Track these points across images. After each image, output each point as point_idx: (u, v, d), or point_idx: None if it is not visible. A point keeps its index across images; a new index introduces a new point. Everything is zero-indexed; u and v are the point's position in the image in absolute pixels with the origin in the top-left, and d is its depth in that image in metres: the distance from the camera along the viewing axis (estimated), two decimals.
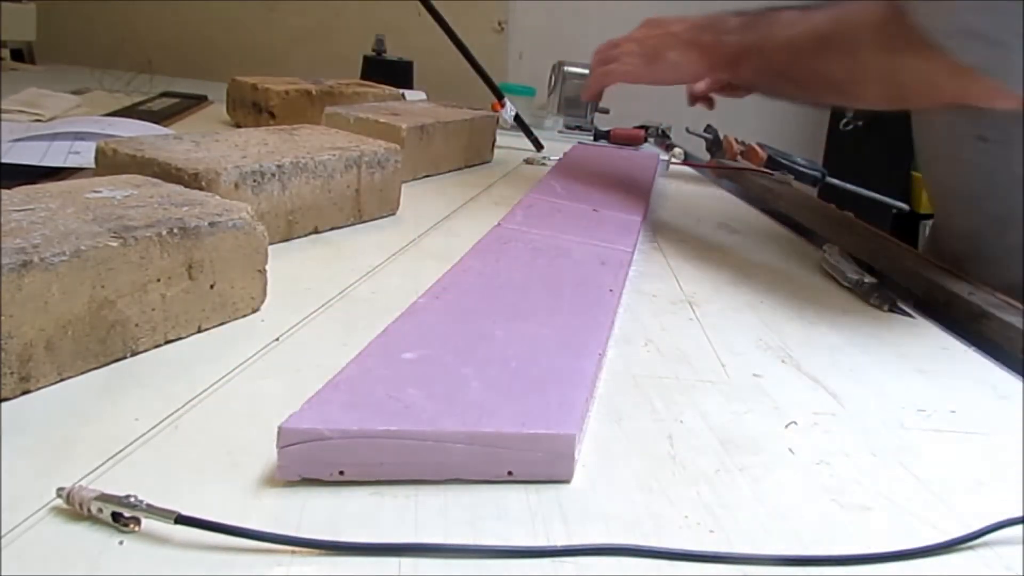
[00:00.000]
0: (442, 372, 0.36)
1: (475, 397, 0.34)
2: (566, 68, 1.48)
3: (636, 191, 0.85)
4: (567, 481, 0.32)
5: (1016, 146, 0.65)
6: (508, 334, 0.41)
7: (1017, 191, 0.67)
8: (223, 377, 0.37)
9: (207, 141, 0.59)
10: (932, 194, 0.82)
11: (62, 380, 0.35)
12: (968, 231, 0.76)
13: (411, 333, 0.40)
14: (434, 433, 0.31)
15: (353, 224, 0.65)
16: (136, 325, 0.38)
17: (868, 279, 0.64)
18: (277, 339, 0.42)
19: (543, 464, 0.32)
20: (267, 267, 0.45)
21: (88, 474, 0.29)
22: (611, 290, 0.52)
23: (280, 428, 0.29)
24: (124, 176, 0.47)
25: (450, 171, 0.92)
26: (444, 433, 0.31)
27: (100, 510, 0.26)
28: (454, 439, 0.31)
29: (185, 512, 0.26)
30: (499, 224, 0.62)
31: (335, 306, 0.48)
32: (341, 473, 0.30)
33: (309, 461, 0.30)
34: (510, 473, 0.32)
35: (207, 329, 0.42)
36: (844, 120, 1.50)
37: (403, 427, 0.31)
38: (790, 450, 0.37)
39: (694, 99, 0.84)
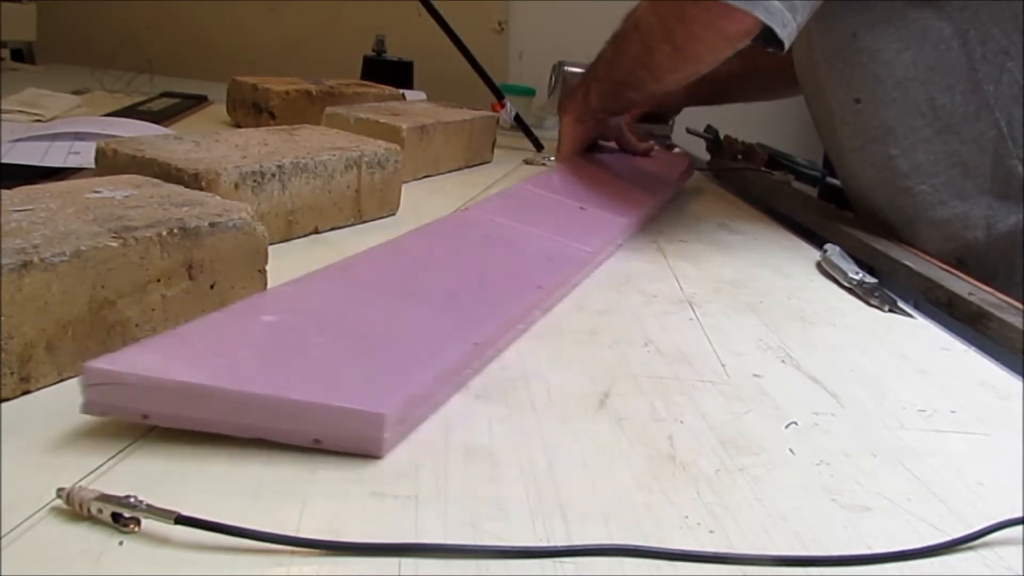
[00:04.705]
0: (290, 338, 0.36)
1: (307, 365, 0.34)
2: (566, 68, 1.48)
3: (643, 193, 0.83)
4: (378, 457, 0.32)
5: (881, 103, 0.78)
6: (387, 313, 0.41)
7: (890, 140, 0.79)
8: None
9: (207, 141, 0.59)
10: (832, 161, 0.93)
11: (62, 380, 0.35)
12: (860, 186, 0.86)
13: (288, 297, 0.40)
14: (237, 393, 0.31)
15: (353, 224, 0.65)
16: (136, 325, 0.38)
17: (868, 279, 0.64)
18: None
19: (351, 439, 0.32)
20: (267, 267, 0.45)
21: (88, 474, 0.29)
22: (540, 286, 0.50)
23: (84, 365, 0.30)
24: (124, 176, 0.47)
25: (450, 171, 0.92)
26: (247, 394, 0.31)
27: (100, 510, 0.26)
28: (258, 401, 0.31)
29: (185, 512, 0.26)
30: (466, 208, 0.61)
31: None
32: (145, 417, 0.31)
33: (113, 402, 0.30)
34: (317, 441, 0.32)
35: None
36: None
37: (206, 382, 0.31)
38: (790, 450, 0.37)
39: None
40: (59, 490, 0.27)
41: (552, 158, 1.01)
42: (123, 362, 0.31)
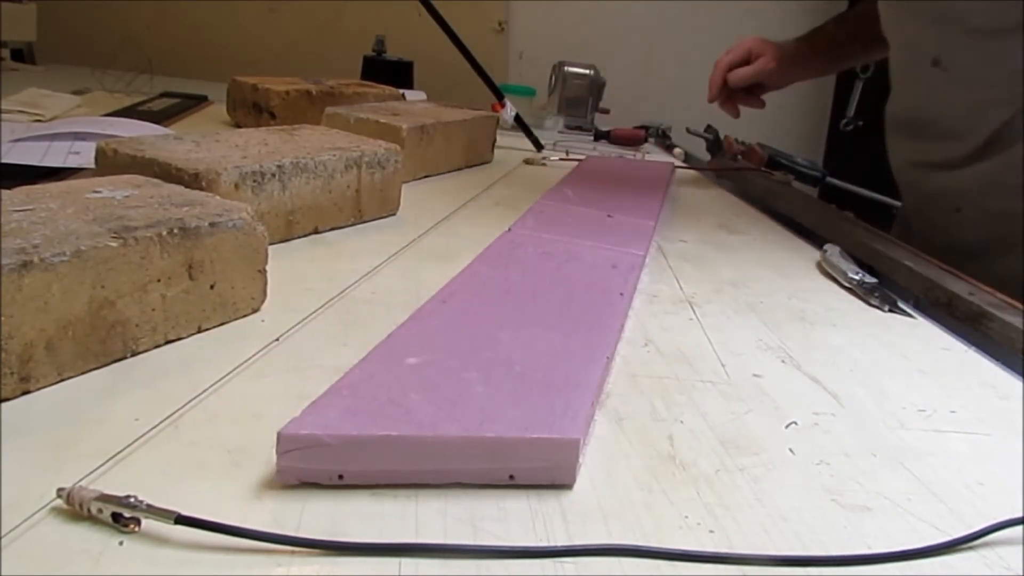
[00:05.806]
0: (445, 377, 0.36)
1: (478, 402, 0.34)
2: (566, 68, 1.48)
3: (649, 197, 0.84)
4: (569, 486, 0.32)
5: (964, 72, 0.74)
6: (514, 338, 0.41)
7: (963, 111, 0.76)
8: (223, 377, 0.37)
9: (207, 141, 0.59)
10: (887, 125, 0.93)
11: (62, 380, 0.35)
12: (915, 151, 0.85)
13: (415, 338, 0.40)
14: (434, 438, 0.31)
15: (353, 224, 0.65)
16: (136, 325, 0.38)
17: (868, 279, 0.64)
18: (277, 339, 0.42)
19: (545, 469, 0.32)
20: (267, 267, 0.45)
21: (88, 474, 0.29)
22: (621, 293, 0.51)
23: (279, 434, 0.29)
24: (124, 176, 0.47)
25: (450, 171, 0.92)
26: (444, 438, 0.31)
27: (100, 510, 0.26)
28: (454, 444, 0.31)
29: (185, 512, 0.26)
30: (509, 229, 0.61)
31: (335, 306, 0.48)
32: (340, 477, 0.30)
33: (308, 466, 0.30)
34: (511, 478, 0.31)
35: (207, 329, 0.42)
36: (844, 120, 1.51)
37: (403, 432, 0.31)
38: (790, 450, 0.37)
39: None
40: (59, 490, 0.27)
41: (553, 158, 1.01)
42: (316, 425, 0.30)
